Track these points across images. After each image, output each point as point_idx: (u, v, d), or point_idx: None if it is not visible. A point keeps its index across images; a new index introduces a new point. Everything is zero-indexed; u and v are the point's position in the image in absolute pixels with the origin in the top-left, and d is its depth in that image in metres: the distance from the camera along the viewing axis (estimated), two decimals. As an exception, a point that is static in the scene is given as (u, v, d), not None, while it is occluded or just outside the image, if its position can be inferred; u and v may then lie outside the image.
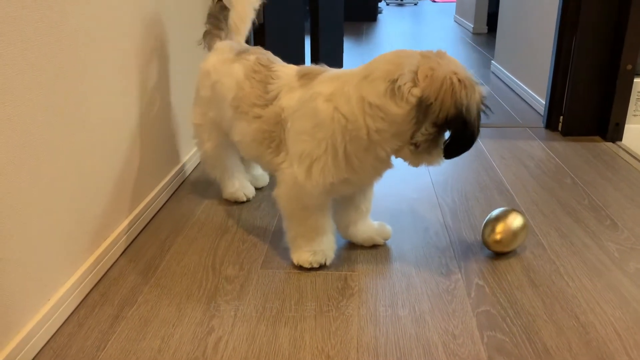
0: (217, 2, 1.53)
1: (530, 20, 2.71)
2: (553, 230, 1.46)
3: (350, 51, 4.19)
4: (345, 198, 1.33)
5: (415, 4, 8.04)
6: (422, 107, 1.04)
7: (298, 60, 2.62)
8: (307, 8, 2.90)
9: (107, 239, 1.30)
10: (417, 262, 1.31)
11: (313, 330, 1.08)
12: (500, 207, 1.58)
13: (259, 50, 1.44)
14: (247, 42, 1.59)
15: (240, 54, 1.42)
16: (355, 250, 1.37)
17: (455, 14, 5.98)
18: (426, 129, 1.07)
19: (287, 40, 2.56)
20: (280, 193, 1.25)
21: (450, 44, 4.50)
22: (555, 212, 1.56)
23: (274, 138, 1.27)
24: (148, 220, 1.51)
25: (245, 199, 1.63)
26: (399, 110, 1.06)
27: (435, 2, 8.36)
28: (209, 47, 1.56)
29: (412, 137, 1.09)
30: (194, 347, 1.04)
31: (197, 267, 1.30)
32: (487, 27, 5.01)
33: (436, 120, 1.05)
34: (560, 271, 1.27)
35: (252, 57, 1.38)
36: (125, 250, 1.37)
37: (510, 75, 3.04)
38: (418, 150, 1.11)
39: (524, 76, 2.79)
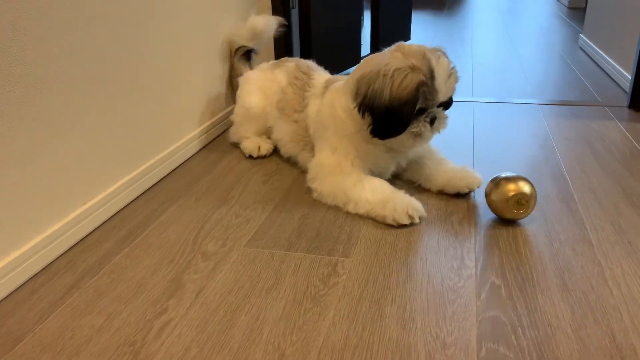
0: (235, 54, 1.75)
1: (623, -17, 2.32)
2: (608, 224, 1.19)
3: (424, 26, 3.90)
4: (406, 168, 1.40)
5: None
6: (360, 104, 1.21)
7: (354, 36, 2.40)
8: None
9: (86, 204, 1.20)
10: (427, 252, 1.10)
11: (276, 322, 0.91)
12: (548, 193, 1.32)
13: (291, 59, 1.59)
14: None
15: (275, 64, 1.59)
16: (360, 230, 1.18)
17: (552, -12, 5.45)
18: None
19: (339, 10, 2.30)
20: (318, 180, 1.31)
21: (540, 19, 4.08)
22: (617, 203, 1.27)
23: (307, 142, 1.43)
24: (146, 187, 1.41)
25: (255, 156, 1.59)
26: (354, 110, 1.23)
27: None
28: (235, 74, 1.76)
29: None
30: (137, 329, 0.90)
31: (178, 239, 1.17)
32: (586, 1, 4.51)
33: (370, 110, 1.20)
34: (605, 275, 1.01)
35: (291, 65, 1.53)
36: (113, 215, 1.27)
37: (597, 49, 2.66)
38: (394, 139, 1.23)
39: (612, 50, 2.42)
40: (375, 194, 1.23)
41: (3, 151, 0.98)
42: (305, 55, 2.11)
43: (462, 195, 1.32)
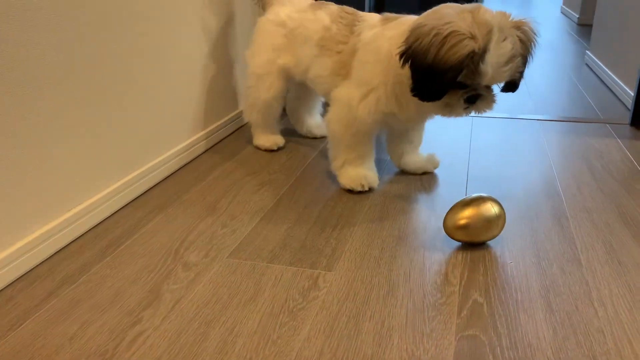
0: None
1: (629, 7, 2.30)
2: (600, 243, 1.16)
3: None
4: (400, 132, 1.49)
5: (523, -5, 7.46)
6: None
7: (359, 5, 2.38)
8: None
9: (70, 211, 1.19)
10: (410, 267, 1.08)
11: (250, 336, 0.89)
12: (540, 210, 1.30)
13: (331, 3, 1.54)
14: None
15: (315, 5, 1.54)
16: (346, 244, 1.16)
17: (562, 4, 5.44)
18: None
19: None
20: (333, 116, 1.38)
21: (549, 34, 4.06)
22: (610, 222, 1.25)
23: (346, 65, 1.38)
24: (135, 196, 1.40)
25: (276, 148, 1.72)
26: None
27: (546, -7, 7.71)
28: (265, 3, 1.67)
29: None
30: (109, 339, 0.89)
31: (161, 249, 1.16)
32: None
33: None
34: (592, 295, 0.98)
35: (334, 7, 1.50)
36: (99, 223, 1.27)
37: (602, 66, 2.63)
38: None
39: (617, 67, 2.39)
40: (361, 155, 1.38)
41: (-16, 156, 0.97)
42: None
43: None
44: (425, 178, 1.50)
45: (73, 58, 1.15)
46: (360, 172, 1.40)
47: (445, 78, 1.10)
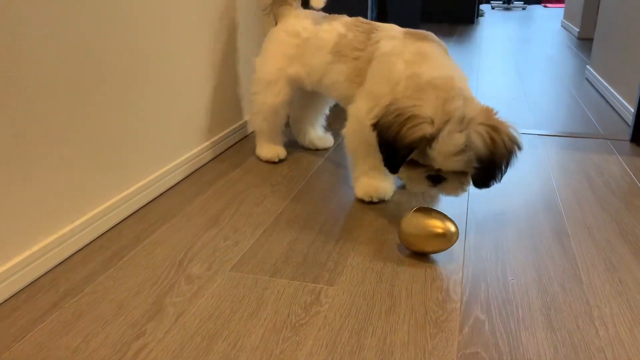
0: None
1: (630, 23, 2.32)
2: (600, 261, 1.17)
3: (433, 51, 3.91)
4: None
5: (524, 9, 7.51)
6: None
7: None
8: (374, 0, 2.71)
9: (74, 222, 1.20)
10: (412, 282, 1.09)
11: (253, 351, 0.90)
12: (541, 225, 1.31)
13: (344, 15, 1.57)
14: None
15: (330, 17, 1.57)
16: (348, 258, 1.17)
17: (563, 18, 5.47)
18: None
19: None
20: (347, 129, 1.43)
21: (549, 49, 4.08)
22: (611, 239, 1.25)
23: (361, 73, 1.41)
24: (139, 206, 1.41)
25: (277, 160, 1.74)
26: None
27: (546, 7, 7.77)
28: (278, 14, 1.68)
29: None
30: (113, 352, 0.89)
31: (164, 261, 1.17)
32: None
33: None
34: (593, 314, 0.99)
35: (348, 18, 1.53)
36: (102, 234, 1.27)
37: (603, 81, 2.65)
38: None
39: (617, 82, 2.41)
40: (375, 166, 1.41)
41: (-10, 168, 0.98)
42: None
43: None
44: (427, 193, 1.51)
45: (79, 71, 1.16)
46: (372, 184, 1.43)
47: (400, 154, 1.16)
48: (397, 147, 1.15)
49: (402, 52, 1.31)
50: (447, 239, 1.14)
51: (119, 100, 1.29)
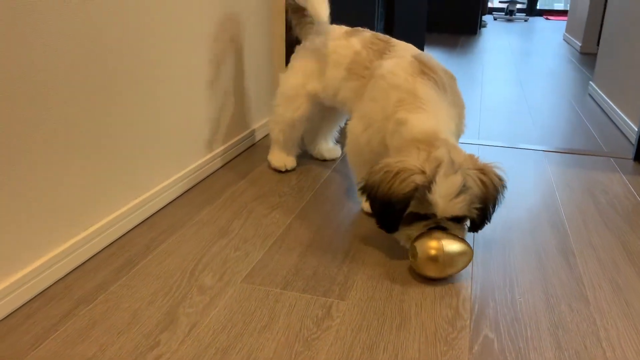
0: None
1: (634, 41, 2.35)
2: (606, 282, 1.18)
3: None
4: None
5: (526, 21, 7.56)
6: None
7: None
8: (382, 10, 2.73)
9: (87, 230, 1.21)
10: (422, 300, 1.10)
11: (267, 364, 0.91)
12: (547, 243, 1.32)
13: (366, 29, 1.60)
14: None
15: (350, 32, 1.59)
16: (358, 272, 1.18)
17: (565, 31, 5.52)
18: None
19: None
20: (347, 145, 1.45)
21: (551, 62, 4.11)
22: (617, 260, 1.27)
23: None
24: (149, 214, 1.42)
25: (284, 170, 1.77)
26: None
27: (548, 19, 7.82)
28: (303, 33, 1.71)
29: None
30: (128, 362, 0.91)
31: (176, 270, 1.18)
32: (598, 47, 4.54)
33: None
34: (600, 335, 1.01)
35: (367, 34, 1.56)
36: (113, 242, 1.28)
37: (606, 98, 2.68)
38: None
39: (620, 100, 2.43)
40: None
41: (3, 175, 0.99)
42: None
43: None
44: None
45: (90, 82, 1.17)
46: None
47: (396, 209, 1.13)
48: (392, 202, 1.13)
49: (399, 85, 1.31)
50: (440, 264, 1.12)
51: (129, 111, 1.31)
